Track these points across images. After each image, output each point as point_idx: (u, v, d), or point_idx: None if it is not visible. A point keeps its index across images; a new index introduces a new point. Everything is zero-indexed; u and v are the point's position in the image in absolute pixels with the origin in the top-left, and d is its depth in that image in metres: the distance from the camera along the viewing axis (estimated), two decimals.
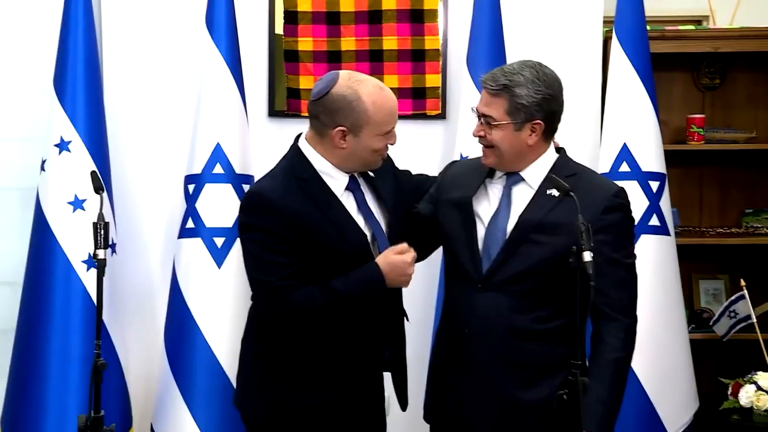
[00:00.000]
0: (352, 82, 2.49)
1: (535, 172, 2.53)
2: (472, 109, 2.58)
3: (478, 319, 2.51)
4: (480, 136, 2.53)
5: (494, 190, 2.58)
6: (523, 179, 2.54)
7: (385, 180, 2.67)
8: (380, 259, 2.50)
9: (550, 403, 2.42)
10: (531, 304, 2.47)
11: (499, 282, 2.49)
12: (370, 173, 2.63)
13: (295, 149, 2.58)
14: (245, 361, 2.68)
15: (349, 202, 2.56)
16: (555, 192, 2.46)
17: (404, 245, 2.52)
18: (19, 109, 3.66)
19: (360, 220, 2.56)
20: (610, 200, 2.45)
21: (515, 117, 2.47)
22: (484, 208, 2.57)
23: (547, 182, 2.50)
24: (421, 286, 3.48)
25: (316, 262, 2.48)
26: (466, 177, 2.65)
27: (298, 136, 2.61)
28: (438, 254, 2.89)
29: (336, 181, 2.54)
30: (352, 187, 2.57)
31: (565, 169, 2.53)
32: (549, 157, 2.56)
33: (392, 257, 2.49)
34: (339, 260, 2.49)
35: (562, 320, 2.46)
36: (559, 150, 2.60)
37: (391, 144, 2.56)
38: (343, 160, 2.53)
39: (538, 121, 2.48)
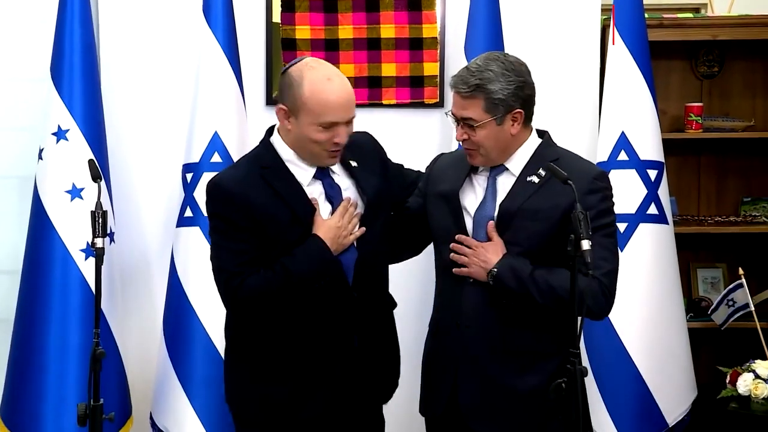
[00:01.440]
0: (307, 66, 2.48)
1: (517, 159, 2.55)
2: (447, 113, 2.55)
3: (468, 310, 2.53)
4: (464, 140, 2.52)
5: (480, 180, 2.59)
6: (506, 168, 2.55)
7: (370, 170, 2.64)
8: (316, 229, 2.48)
9: (544, 390, 2.42)
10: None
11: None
12: (353, 162, 2.60)
13: (264, 139, 2.59)
14: (226, 356, 2.67)
15: (316, 191, 2.54)
16: (535, 179, 2.49)
17: (343, 204, 2.52)
18: (17, 98, 3.66)
19: (326, 209, 2.53)
20: (591, 183, 2.45)
21: (495, 112, 2.46)
22: (470, 199, 2.59)
23: (528, 169, 2.52)
24: (417, 281, 3.49)
25: (274, 252, 2.47)
26: (453, 169, 2.65)
27: (272, 127, 2.60)
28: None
29: (302, 170, 2.53)
30: (320, 176, 2.55)
31: (548, 155, 2.53)
32: (531, 143, 2.56)
33: (327, 222, 2.48)
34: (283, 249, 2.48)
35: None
36: (542, 135, 2.60)
37: (338, 141, 2.47)
38: (295, 147, 2.52)
39: (518, 109, 2.49)
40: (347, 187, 2.58)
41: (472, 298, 2.53)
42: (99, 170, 2.68)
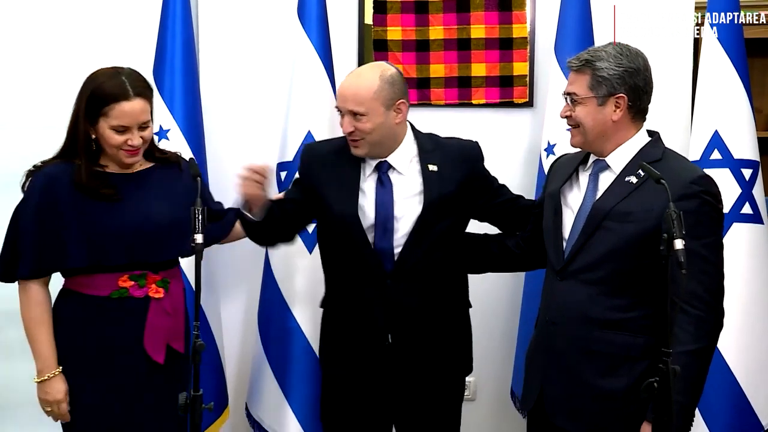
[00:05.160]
0: None
1: (620, 157, 2.49)
2: (562, 94, 2.57)
3: (557, 307, 2.52)
4: (567, 117, 2.52)
5: (584, 177, 2.55)
6: (608, 166, 2.50)
7: (448, 177, 2.75)
8: None
9: (629, 392, 2.39)
10: (607, 293, 2.43)
11: (576, 271, 2.47)
12: (431, 167, 2.74)
13: None
14: None
15: (368, 185, 2.75)
16: (633, 179, 2.43)
17: None
18: None
19: (370, 203, 2.72)
20: (687, 188, 2.34)
21: (598, 91, 2.45)
22: (574, 196, 2.55)
23: (629, 168, 2.45)
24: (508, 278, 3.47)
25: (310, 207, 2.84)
26: (564, 168, 2.65)
27: None
28: None
29: (368, 159, 2.77)
30: (378, 169, 2.75)
31: (651, 154, 2.47)
32: (636, 141, 2.50)
33: None
34: (329, 222, 2.78)
35: (643, 310, 2.41)
36: (653, 134, 2.54)
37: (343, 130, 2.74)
38: None
39: (621, 94, 2.44)
40: (408, 185, 2.74)
41: (561, 296, 2.50)
42: (198, 168, 2.72)
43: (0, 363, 3.76)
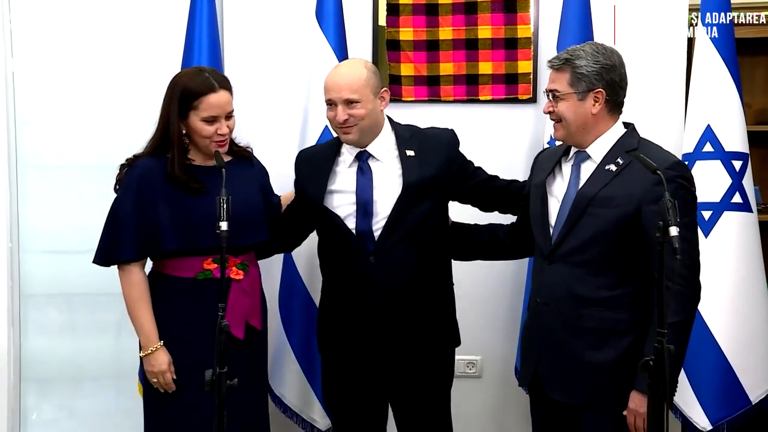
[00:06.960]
0: None
1: (599, 147, 2.53)
2: (544, 91, 2.58)
3: (546, 289, 2.56)
4: (549, 112, 2.56)
5: (567, 168, 2.59)
6: (589, 156, 2.53)
7: (427, 162, 2.76)
8: None
9: (616, 364, 2.44)
10: (593, 274, 2.47)
11: (563, 254, 2.51)
12: (409, 152, 2.76)
13: None
14: None
15: (349, 173, 2.79)
16: (613, 167, 2.47)
17: None
18: (152, 95, 3.75)
19: (350, 190, 2.76)
20: (662, 173, 2.34)
21: (577, 87, 2.48)
22: (558, 185, 2.61)
23: (608, 158, 2.49)
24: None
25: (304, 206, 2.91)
26: (547, 160, 2.71)
27: None
28: None
29: (349, 150, 2.81)
30: (359, 159, 2.79)
31: (627, 144, 2.51)
32: (615, 132, 2.54)
33: None
34: (315, 212, 2.84)
35: (626, 288, 2.46)
36: (628, 126, 2.56)
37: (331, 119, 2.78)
38: None
39: (599, 89, 2.46)
40: (387, 170, 2.76)
41: (551, 278, 2.55)
42: (223, 160, 2.73)
43: (90, 338, 3.87)
